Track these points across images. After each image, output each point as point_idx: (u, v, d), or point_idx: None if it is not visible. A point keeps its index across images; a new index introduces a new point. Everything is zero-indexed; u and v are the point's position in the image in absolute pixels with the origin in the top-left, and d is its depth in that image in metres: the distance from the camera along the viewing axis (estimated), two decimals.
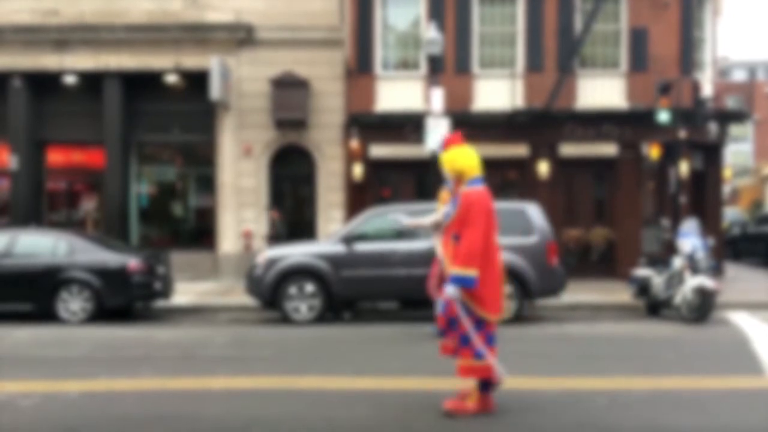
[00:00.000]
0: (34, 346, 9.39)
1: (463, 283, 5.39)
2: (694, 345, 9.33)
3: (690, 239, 11.55)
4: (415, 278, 11.54)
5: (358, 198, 17.71)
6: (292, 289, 11.51)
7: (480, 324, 5.54)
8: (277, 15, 18.02)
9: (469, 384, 5.78)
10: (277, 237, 16.18)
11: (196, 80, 17.73)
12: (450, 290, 5.44)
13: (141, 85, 18.20)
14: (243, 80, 17.99)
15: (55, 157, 19.01)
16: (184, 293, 14.67)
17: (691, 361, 8.18)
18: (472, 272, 5.38)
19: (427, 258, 11.66)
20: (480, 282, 5.46)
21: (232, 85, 17.77)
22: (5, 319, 11.82)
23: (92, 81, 18.07)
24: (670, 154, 17.09)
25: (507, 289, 11.35)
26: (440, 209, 10.01)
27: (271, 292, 11.58)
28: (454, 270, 5.43)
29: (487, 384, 5.66)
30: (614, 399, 6.22)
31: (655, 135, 17.13)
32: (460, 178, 5.69)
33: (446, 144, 5.83)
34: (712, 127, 18.79)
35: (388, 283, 11.64)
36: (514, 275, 11.50)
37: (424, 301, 12.15)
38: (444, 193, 10.14)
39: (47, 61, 17.93)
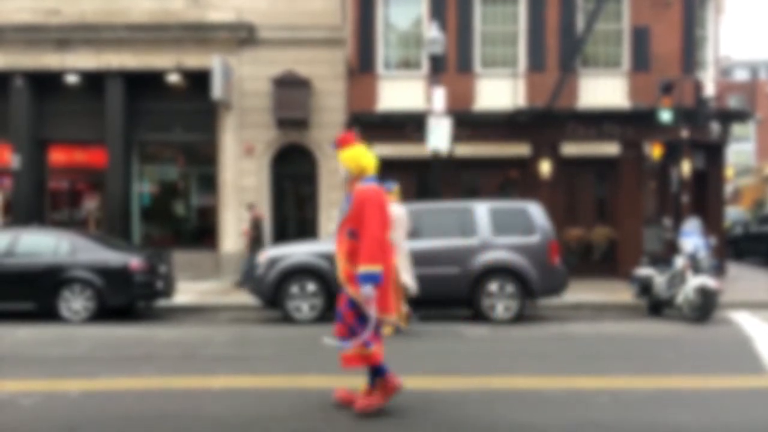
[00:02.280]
0: (35, 345, 9.40)
1: (371, 279, 5.42)
2: (695, 344, 9.33)
3: (692, 239, 11.55)
4: (417, 278, 11.55)
5: None
6: (294, 289, 11.51)
7: (362, 318, 5.56)
8: (278, 14, 18.02)
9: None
10: (258, 238, 15.83)
11: (198, 80, 17.73)
12: (367, 290, 5.43)
13: (143, 85, 18.22)
14: (244, 79, 17.99)
15: (57, 156, 19.03)
16: (186, 292, 14.68)
17: (693, 361, 8.17)
18: (377, 267, 5.43)
19: (429, 258, 11.68)
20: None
21: (233, 84, 17.78)
22: (7, 317, 11.83)
23: (94, 80, 18.09)
24: (672, 153, 17.07)
25: (494, 287, 11.39)
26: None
27: (272, 292, 11.58)
28: (362, 268, 5.44)
29: (381, 367, 5.66)
30: (616, 398, 6.22)
31: (657, 134, 17.12)
32: (359, 175, 5.76)
33: (342, 142, 5.86)
34: (714, 127, 18.77)
35: None
36: (515, 275, 11.52)
37: (425, 300, 12.22)
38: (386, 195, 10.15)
39: (49, 60, 17.94)
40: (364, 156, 5.81)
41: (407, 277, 10.05)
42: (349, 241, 5.62)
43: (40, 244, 12.44)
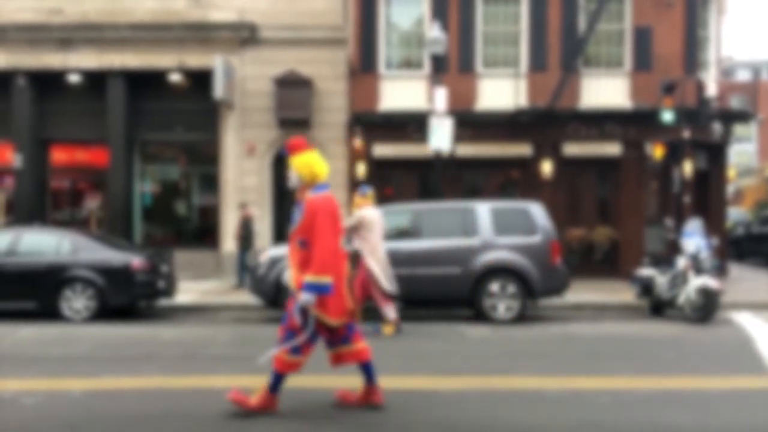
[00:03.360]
0: (37, 345, 9.41)
1: (318, 290, 5.40)
2: (697, 345, 9.32)
3: (694, 239, 11.54)
4: (418, 278, 11.56)
5: None
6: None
7: (306, 324, 5.54)
8: (280, 14, 18.03)
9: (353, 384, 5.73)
10: (246, 237, 15.85)
11: (200, 79, 17.74)
12: (306, 297, 5.41)
13: (144, 84, 18.23)
14: (246, 79, 18.00)
15: (59, 155, 19.05)
16: (187, 292, 14.69)
17: (695, 361, 8.17)
18: (326, 279, 5.41)
19: (431, 257, 11.68)
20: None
21: (235, 84, 17.79)
22: (9, 317, 11.84)
23: (96, 80, 18.11)
24: (674, 153, 17.06)
25: (495, 288, 11.37)
26: (355, 214, 10.16)
27: (273, 291, 11.57)
28: (309, 277, 5.42)
29: (278, 385, 5.63)
30: (617, 398, 6.22)
31: (659, 134, 17.11)
32: (311, 183, 5.67)
33: (294, 148, 5.75)
34: (716, 127, 18.75)
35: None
36: (517, 275, 11.51)
37: (427, 300, 12.22)
38: (358, 198, 10.24)
39: (51, 59, 17.96)
40: (317, 163, 5.70)
41: (386, 281, 10.08)
42: (300, 250, 5.55)
43: (42, 244, 12.45)
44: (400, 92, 17.96)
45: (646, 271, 12.51)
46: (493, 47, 18.12)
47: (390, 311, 10.05)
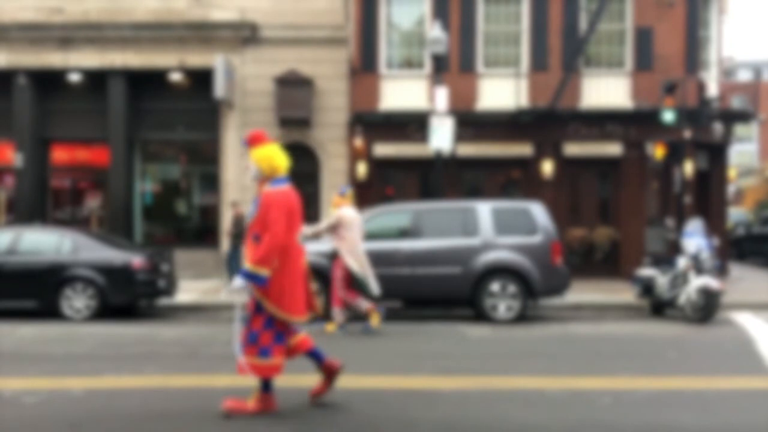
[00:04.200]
0: (38, 343, 9.41)
1: (253, 280, 5.37)
2: (698, 345, 9.32)
3: (694, 239, 11.53)
4: (419, 277, 11.57)
5: (362, 196, 17.70)
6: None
7: (270, 323, 5.51)
8: (281, 13, 18.03)
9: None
10: (237, 235, 15.83)
11: (201, 78, 17.74)
12: (237, 282, 5.41)
13: (145, 83, 18.23)
14: (247, 78, 18.00)
15: (60, 154, 19.04)
16: (188, 291, 14.69)
17: (695, 361, 8.17)
18: (264, 272, 5.36)
19: (431, 257, 11.68)
20: (279, 283, 5.44)
21: (236, 83, 17.79)
22: (10, 316, 11.85)
23: (97, 79, 18.11)
24: (675, 153, 17.05)
25: (496, 287, 11.40)
26: (333, 213, 10.23)
27: None
28: (248, 266, 5.40)
29: (268, 383, 5.63)
30: (618, 398, 6.21)
31: (660, 135, 17.10)
32: (269, 176, 5.62)
33: (253, 140, 5.70)
34: (717, 127, 18.75)
35: (392, 282, 11.62)
36: (517, 275, 11.51)
37: (427, 300, 12.23)
38: (336, 198, 10.32)
39: (52, 58, 17.96)
40: (277, 156, 5.65)
41: (369, 280, 10.18)
42: (254, 245, 5.49)
43: (43, 243, 12.46)
44: (401, 92, 17.95)
45: (646, 271, 12.51)
46: (494, 47, 18.12)
47: (338, 314, 10.15)
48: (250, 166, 5.67)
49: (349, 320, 10.88)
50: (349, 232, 10.06)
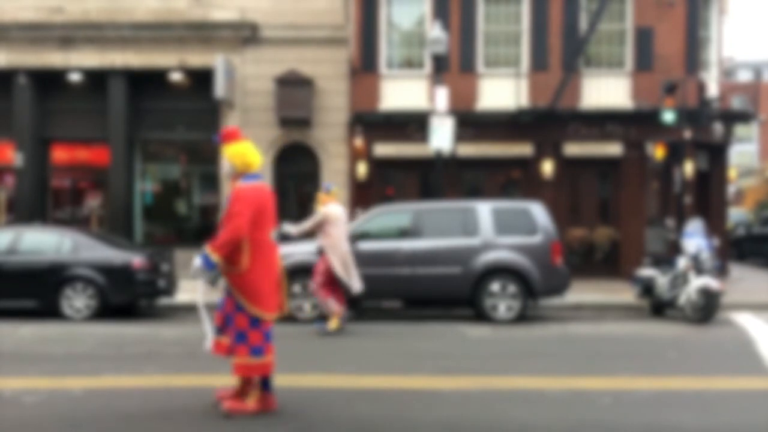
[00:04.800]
0: (38, 343, 9.41)
1: (206, 263, 5.44)
2: (698, 345, 9.32)
3: (695, 239, 11.53)
4: (419, 277, 11.57)
5: (362, 196, 17.72)
6: (296, 288, 11.50)
7: (256, 321, 5.53)
8: (281, 13, 18.03)
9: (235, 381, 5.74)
10: None
11: (201, 78, 17.74)
12: (196, 262, 5.48)
13: (146, 83, 18.23)
14: (247, 78, 18.00)
15: (60, 154, 19.04)
16: (188, 291, 14.66)
17: (695, 361, 8.17)
18: (215, 258, 5.43)
19: (431, 257, 11.68)
20: (253, 279, 5.48)
21: (236, 83, 17.79)
22: (10, 315, 11.85)
23: (97, 78, 18.11)
24: (675, 154, 17.05)
25: (496, 287, 11.40)
26: (320, 210, 10.29)
27: None
28: (207, 248, 5.46)
29: (267, 382, 5.64)
30: (618, 398, 6.21)
31: (660, 135, 17.10)
32: (242, 172, 5.66)
33: (227, 137, 5.74)
34: (717, 128, 18.75)
35: (392, 282, 11.64)
36: (517, 275, 11.51)
37: (427, 300, 12.23)
38: (322, 196, 10.38)
39: (52, 58, 17.95)
40: (250, 152, 5.69)
41: (350, 278, 10.24)
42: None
43: (43, 242, 12.46)
44: (401, 92, 17.95)
45: (646, 272, 12.51)
46: (494, 47, 18.12)
47: (332, 304, 10.15)
48: (223, 162, 5.71)
49: (349, 320, 10.88)
50: (334, 229, 10.15)
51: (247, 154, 5.66)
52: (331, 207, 10.26)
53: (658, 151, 17.19)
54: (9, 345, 9.23)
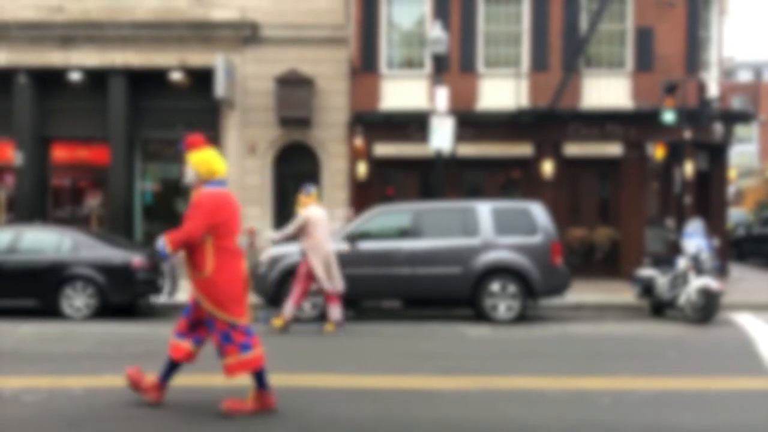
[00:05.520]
0: (38, 342, 9.41)
1: (161, 247, 5.56)
2: (698, 345, 9.33)
3: (695, 240, 11.53)
4: (419, 277, 11.57)
5: (363, 196, 17.72)
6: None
7: (233, 324, 5.56)
8: (282, 13, 18.02)
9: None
10: None
11: (201, 78, 17.74)
12: (160, 242, 5.59)
13: (146, 83, 18.23)
14: (248, 78, 17.99)
15: (60, 153, 19.04)
16: (188, 290, 14.65)
17: (695, 362, 8.17)
18: (169, 249, 5.54)
19: (431, 257, 11.68)
20: (217, 285, 5.51)
21: (236, 83, 17.78)
22: (10, 314, 11.85)
23: (97, 78, 18.11)
24: (675, 154, 17.05)
25: (496, 287, 11.40)
26: (299, 215, 10.28)
27: (274, 290, 11.58)
28: (168, 237, 5.55)
29: (263, 380, 5.66)
30: (618, 398, 6.21)
31: (660, 135, 17.10)
32: (206, 180, 5.68)
33: (190, 145, 5.76)
34: (718, 128, 18.75)
35: (392, 282, 11.64)
36: (517, 275, 11.51)
37: (427, 300, 12.23)
38: (302, 197, 10.38)
39: (53, 57, 17.96)
40: (214, 160, 5.71)
41: (333, 279, 10.23)
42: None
43: (43, 242, 12.46)
44: (402, 92, 17.95)
45: (646, 272, 12.51)
46: (494, 47, 18.12)
47: (334, 311, 10.17)
48: (187, 170, 5.73)
49: (349, 320, 10.89)
50: (316, 231, 10.15)
51: (211, 162, 5.68)
52: (312, 209, 10.27)
53: (658, 151, 17.19)
54: (9, 344, 9.23)
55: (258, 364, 5.59)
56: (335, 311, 10.24)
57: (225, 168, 5.80)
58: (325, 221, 10.35)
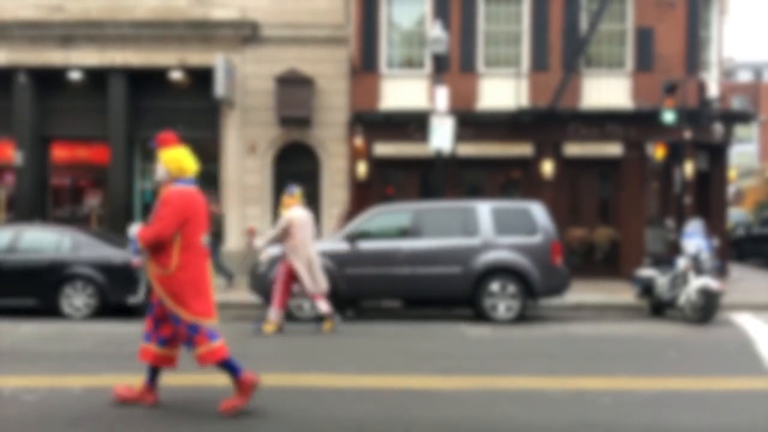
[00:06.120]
0: (37, 342, 9.41)
1: (133, 240, 5.58)
2: (698, 345, 9.33)
3: (694, 240, 11.53)
4: (419, 277, 11.56)
5: (363, 196, 17.72)
6: (295, 287, 11.47)
7: (193, 327, 5.58)
8: (282, 12, 18.03)
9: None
10: (216, 234, 15.71)
11: (201, 77, 17.74)
12: (132, 229, 5.61)
13: (146, 82, 18.23)
14: (248, 77, 17.99)
15: (60, 152, 19.05)
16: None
17: (695, 362, 8.17)
18: (141, 243, 5.56)
19: (431, 257, 11.68)
20: (179, 281, 5.53)
21: (236, 82, 17.78)
22: (9, 314, 11.84)
23: (97, 77, 18.11)
24: (675, 154, 17.05)
25: (496, 287, 11.39)
26: (283, 217, 10.24)
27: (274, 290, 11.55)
28: (143, 234, 5.54)
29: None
30: (618, 399, 6.21)
31: (660, 135, 17.11)
32: (176, 178, 5.71)
33: (163, 142, 5.80)
34: (718, 128, 18.75)
35: (392, 282, 11.64)
36: (517, 275, 11.51)
37: (427, 299, 12.23)
38: (286, 199, 10.33)
39: (52, 56, 17.95)
40: (185, 158, 5.75)
41: (315, 280, 10.17)
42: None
43: (43, 241, 12.46)
44: (402, 91, 17.95)
45: (646, 272, 12.51)
46: (494, 47, 18.12)
47: (322, 305, 10.15)
48: (158, 167, 5.75)
49: (348, 319, 10.88)
50: (299, 232, 10.08)
51: (182, 160, 5.72)
52: (295, 211, 10.18)
53: (658, 152, 17.19)
54: (8, 343, 9.23)
55: (225, 351, 5.59)
56: (323, 305, 10.20)
57: (195, 167, 5.84)
58: (308, 223, 10.24)
